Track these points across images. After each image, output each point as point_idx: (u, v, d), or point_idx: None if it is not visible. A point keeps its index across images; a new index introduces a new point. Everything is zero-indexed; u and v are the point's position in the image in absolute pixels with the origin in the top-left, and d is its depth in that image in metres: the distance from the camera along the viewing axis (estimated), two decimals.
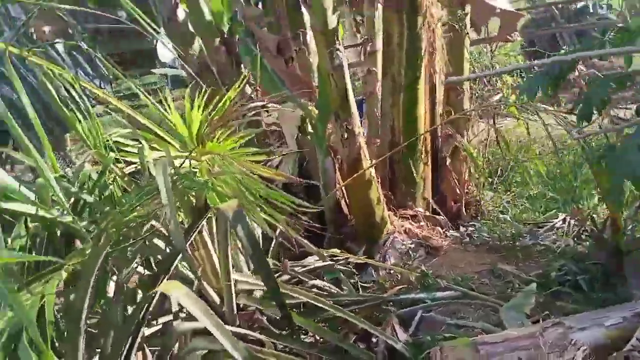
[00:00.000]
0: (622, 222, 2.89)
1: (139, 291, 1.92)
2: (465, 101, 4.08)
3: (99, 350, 1.63)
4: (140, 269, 2.01)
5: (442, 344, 2.04)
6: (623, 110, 4.07)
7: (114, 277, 1.91)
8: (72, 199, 1.85)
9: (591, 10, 9.35)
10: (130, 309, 1.86)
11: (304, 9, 3.52)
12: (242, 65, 3.62)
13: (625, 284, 2.54)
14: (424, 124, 3.61)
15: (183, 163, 1.85)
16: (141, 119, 2.14)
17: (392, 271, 3.20)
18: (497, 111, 3.83)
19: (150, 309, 1.65)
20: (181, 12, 3.50)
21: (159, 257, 2.00)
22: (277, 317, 2.34)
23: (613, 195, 1.30)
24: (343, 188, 3.54)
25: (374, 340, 2.42)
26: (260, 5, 4.05)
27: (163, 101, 2.00)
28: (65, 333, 1.64)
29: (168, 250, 1.97)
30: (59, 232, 1.82)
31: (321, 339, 2.41)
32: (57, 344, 1.72)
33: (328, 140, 3.33)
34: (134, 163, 2.01)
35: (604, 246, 2.83)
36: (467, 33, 3.98)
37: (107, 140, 1.94)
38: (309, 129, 3.38)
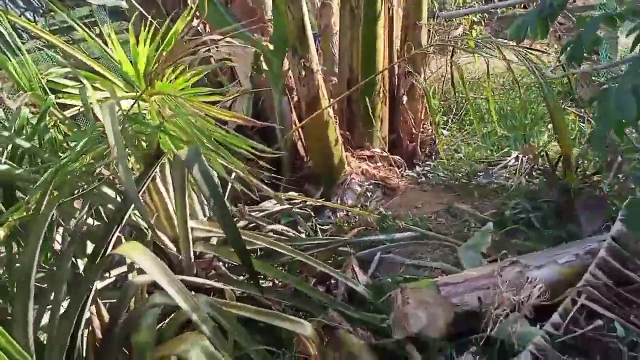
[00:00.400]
0: (574, 159, 2.96)
1: (89, 243, 1.80)
2: (423, 36, 3.97)
3: (50, 307, 1.53)
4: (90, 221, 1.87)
5: (403, 286, 2.05)
6: None
7: (61, 229, 1.79)
8: (9, 146, 1.68)
9: None
10: (80, 262, 1.75)
11: None
12: None
13: (576, 221, 2.62)
14: (383, 61, 3.50)
15: (132, 106, 1.68)
16: (80, 55, 1.94)
17: (350, 213, 3.18)
18: (456, 47, 3.74)
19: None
20: None
21: (110, 206, 1.87)
22: (235, 264, 2.29)
23: (596, 140, 1.27)
24: (300, 129, 3.44)
25: (333, 282, 2.41)
26: None
27: (106, 36, 1.80)
28: (13, 290, 1.53)
29: (119, 199, 1.84)
30: None
31: (280, 284, 2.38)
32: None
33: (284, 78, 3.19)
34: (76, 106, 1.83)
35: (555, 184, 2.89)
36: None
37: (43, 80, 1.75)
38: (264, 66, 3.21)
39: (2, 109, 2.01)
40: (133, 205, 1.63)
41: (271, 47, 3.16)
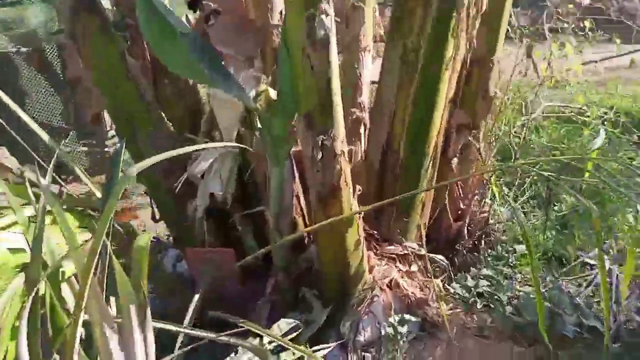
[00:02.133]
0: None
1: None
2: (492, 77, 2.78)
3: None
4: None
5: None
6: None
7: None
8: None
9: None
10: None
11: None
12: None
13: None
14: (441, 124, 2.34)
15: None
16: None
17: (364, 357, 2.10)
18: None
19: None
20: None
21: None
22: None
23: None
24: (307, 219, 2.31)
25: None
26: None
27: None
28: None
29: None
30: None
31: None
32: None
33: (290, 148, 2.03)
34: None
35: None
36: None
37: None
38: (259, 124, 2.04)
39: None
40: None
41: (273, 96, 2.00)
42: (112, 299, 1.62)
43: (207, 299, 2.30)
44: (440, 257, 2.55)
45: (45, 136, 2.07)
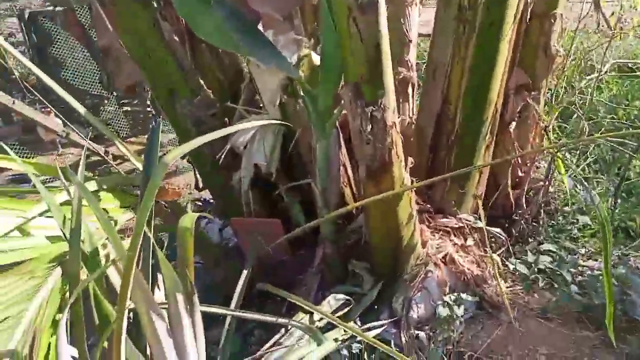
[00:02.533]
0: None
1: None
2: (553, 33, 2.52)
3: None
4: None
5: None
6: None
7: None
8: None
9: None
10: None
11: None
12: None
13: None
14: (500, 89, 2.13)
15: None
16: None
17: (418, 335, 2.01)
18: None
19: None
20: None
21: None
22: None
23: None
24: (354, 189, 2.19)
25: None
26: None
27: None
28: None
29: None
30: None
31: None
32: None
33: (335, 119, 1.89)
34: None
35: None
36: None
37: None
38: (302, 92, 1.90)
39: None
40: None
41: (316, 62, 1.86)
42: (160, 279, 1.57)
43: (255, 268, 2.25)
44: (497, 230, 2.39)
45: (81, 109, 2.01)
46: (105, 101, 5.12)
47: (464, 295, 2.02)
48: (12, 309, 0.96)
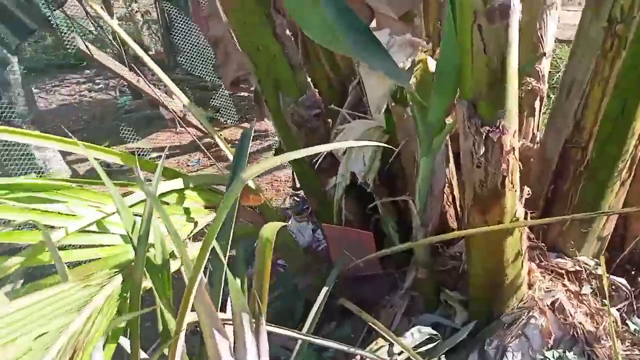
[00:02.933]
0: None
1: None
2: None
3: None
4: None
5: None
6: None
7: None
8: None
9: None
10: None
11: None
12: None
13: None
14: None
15: None
16: None
17: None
18: None
19: None
20: None
21: None
22: None
23: None
24: (458, 211, 1.98)
25: None
26: None
27: None
28: None
29: None
30: None
31: None
32: None
33: (446, 135, 1.70)
34: None
35: None
36: None
37: None
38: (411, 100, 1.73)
39: None
40: None
41: (431, 70, 1.67)
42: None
43: (340, 279, 2.13)
44: (621, 280, 2.05)
45: (185, 99, 2.00)
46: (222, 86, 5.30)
47: (570, 355, 1.74)
48: (54, 321, 0.91)
